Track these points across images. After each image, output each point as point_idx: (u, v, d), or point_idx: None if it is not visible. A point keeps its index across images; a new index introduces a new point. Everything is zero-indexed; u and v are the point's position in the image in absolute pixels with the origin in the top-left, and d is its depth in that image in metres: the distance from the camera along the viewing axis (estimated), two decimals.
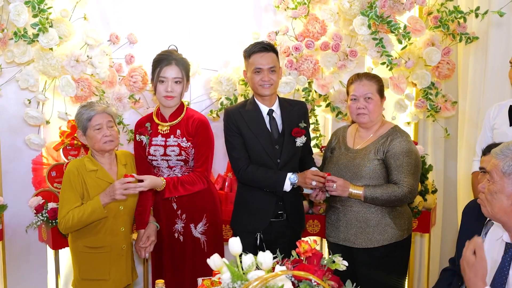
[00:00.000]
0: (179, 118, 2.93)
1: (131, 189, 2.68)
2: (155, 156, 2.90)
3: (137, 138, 2.91)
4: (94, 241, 2.77)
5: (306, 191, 2.93)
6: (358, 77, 2.85)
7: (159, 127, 2.93)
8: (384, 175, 2.77)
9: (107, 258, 2.80)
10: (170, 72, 2.85)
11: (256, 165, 2.93)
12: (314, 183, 2.80)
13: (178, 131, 2.91)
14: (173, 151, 2.88)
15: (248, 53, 2.92)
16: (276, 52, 2.96)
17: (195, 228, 2.98)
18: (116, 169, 2.84)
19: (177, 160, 2.90)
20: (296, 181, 2.86)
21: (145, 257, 2.90)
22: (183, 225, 2.96)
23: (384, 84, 2.89)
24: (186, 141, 2.89)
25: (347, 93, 2.92)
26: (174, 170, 2.92)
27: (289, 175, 2.87)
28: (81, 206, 2.72)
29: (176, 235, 2.96)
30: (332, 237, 2.90)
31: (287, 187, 2.87)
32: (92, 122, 2.73)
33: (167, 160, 2.90)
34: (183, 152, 2.89)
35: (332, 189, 2.74)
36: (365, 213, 2.78)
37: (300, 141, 2.97)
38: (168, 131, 2.91)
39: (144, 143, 2.91)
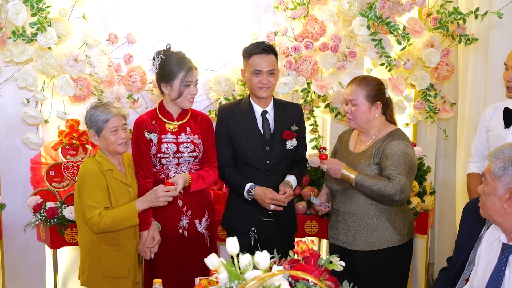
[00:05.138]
0: (188, 117, 2.98)
1: (171, 194, 2.76)
2: (167, 153, 2.91)
3: (147, 136, 2.90)
4: (118, 240, 2.77)
5: (313, 200, 2.91)
6: (352, 80, 2.83)
7: (167, 125, 2.95)
8: None
9: (128, 255, 2.82)
10: (194, 75, 2.90)
11: (234, 168, 2.99)
12: (272, 207, 2.88)
13: (188, 129, 2.96)
14: (187, 147, 2.93)
15: (248, 54, 2.92)
16: (276, 54, 2.97)
17: (200, 224, 3.02)
18: (124, 170, 2.84)
19: (189, 156, 2.95)
20: (252, 196, 2.89)
21: (151, 258, 2.91)
22: (188, 221, 2.99)
23: (382, 88, 2.83)
24: (197, 138, 2.96)
25: None
26: (182, 167, 2.95)
27: (247, 187, 2.90)
28: (112, 210, 2.71)
29: (180, 231, 2.98)
30: (333, 238, 2.91)
31: (246, 198, 2.93)
32: (109, 124, 2.71)
33: (178, 157, 2.93)
34: (196, 149, 2.95)
35: (325, 169, 2.78)
36: (363, 216, 2.76)
37: (290, 144, 2.99)
38: (177, 129, 2.94)
39: (153, 141, 2.91)
